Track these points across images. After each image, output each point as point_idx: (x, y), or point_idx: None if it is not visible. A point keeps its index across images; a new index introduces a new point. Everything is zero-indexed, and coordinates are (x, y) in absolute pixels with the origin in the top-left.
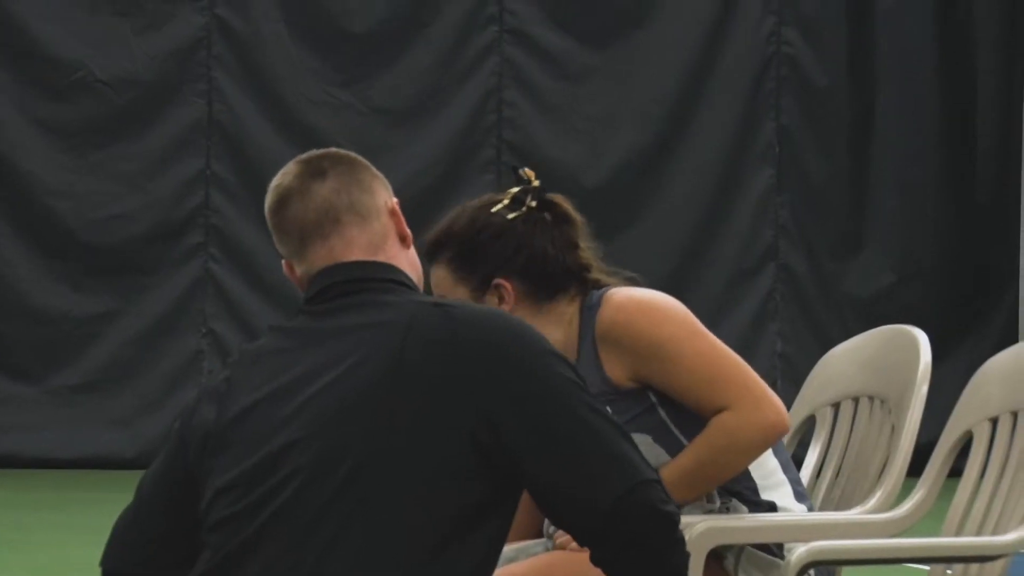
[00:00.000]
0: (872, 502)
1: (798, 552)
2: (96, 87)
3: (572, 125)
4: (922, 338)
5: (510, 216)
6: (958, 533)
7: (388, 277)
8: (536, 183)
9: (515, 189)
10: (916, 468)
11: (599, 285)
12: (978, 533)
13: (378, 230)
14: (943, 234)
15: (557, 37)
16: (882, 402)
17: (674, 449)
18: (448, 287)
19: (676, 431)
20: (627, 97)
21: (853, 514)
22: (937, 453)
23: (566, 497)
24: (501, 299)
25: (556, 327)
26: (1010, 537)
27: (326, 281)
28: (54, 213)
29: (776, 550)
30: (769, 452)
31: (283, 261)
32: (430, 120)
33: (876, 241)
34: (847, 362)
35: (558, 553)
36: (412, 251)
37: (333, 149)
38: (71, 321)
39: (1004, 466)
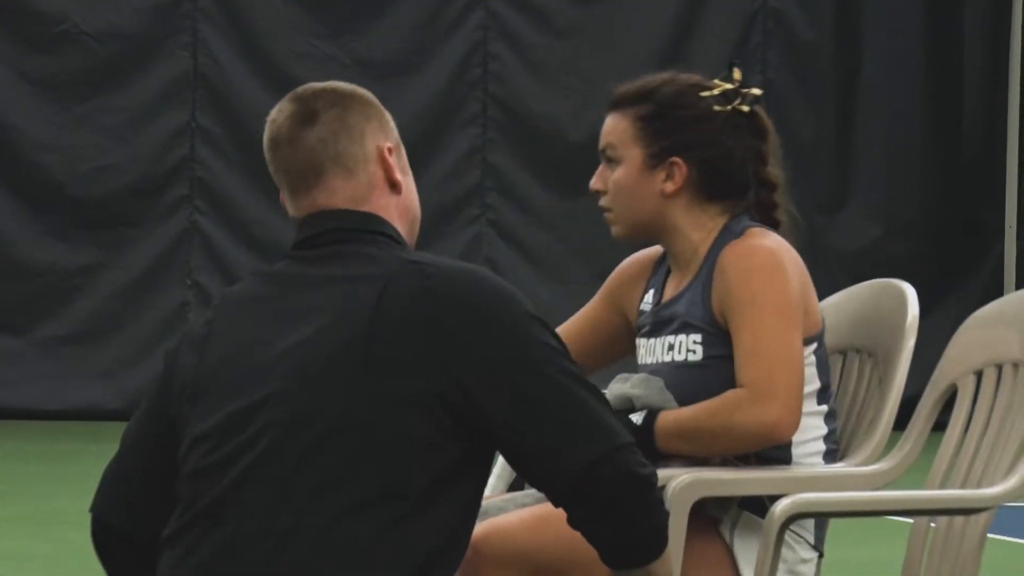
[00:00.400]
0: (858, 455)
1: (782, 504)
2: (81, 40)
3: (558, 79)
4: (910, 292)
5: (716, 108)
6: (942, 486)
7: (371, 228)
8: (756, 91)
9: (728, 85)
10: (901, 422)
11: (769, 207)
12: (962, 486)
13: (363, 181)
14: (929, 189)
15: None
16: (869, 355)
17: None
18: (623, 139)
19: None
20: (613, 51)
21: (838, 467)
22: (922, 406)
23: (540, 460)
24: (669, 176)
25: (697, 230)
26: (994, 490)
27: (310, 230)
28: (39, 166)
29: None
30: (819, 439)
31: (280, 194)
32: (416, 74)
33: (862, 195)
34: (835, 315)
35: (550, 505)
36: (405, 195)
37: (332, 85)
38: (57, 273)
39: (988, 419)
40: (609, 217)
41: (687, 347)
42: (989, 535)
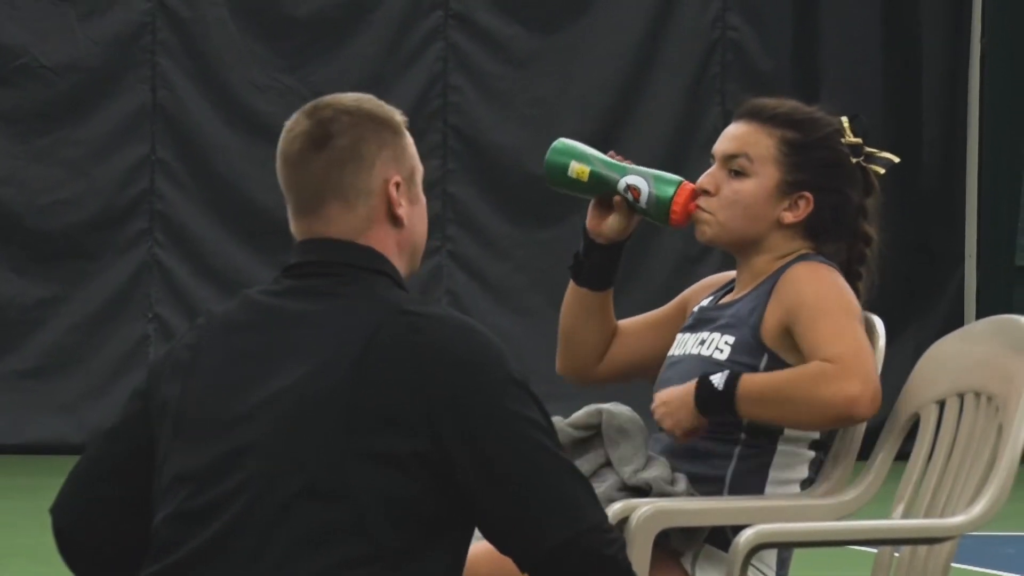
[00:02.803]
0: (823, 485)
1: (746, 534)
2: (40, 73)
3: (518, 110)
4: (878, 323)
5: (851, 159)
6: (906, 516)
7: (365, 264)
8: (894, 158)
9: (858, 139)
10: (864, 451)
11: (859, 260)
12: (926, 516)
13: (362, 214)
14: (889, 219)
15: (502, 22)
16: None
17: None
18: (763, 156)
19: None
20: (572, 82)
21: (802, 497)
22: (885, 436)
23: (510, 534)
24: (792, 207)
25: (781, 256)
26: (958, 519)
27: (303, 257)
28: None
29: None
30: (804, 465)
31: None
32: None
33: None
34: None
35: None
36: (408, 228)
37: (356, 104)
38: (16, 307)
39: (951, 449)
40: (707, 219)
41: (717, 345)
42: (953, 564)
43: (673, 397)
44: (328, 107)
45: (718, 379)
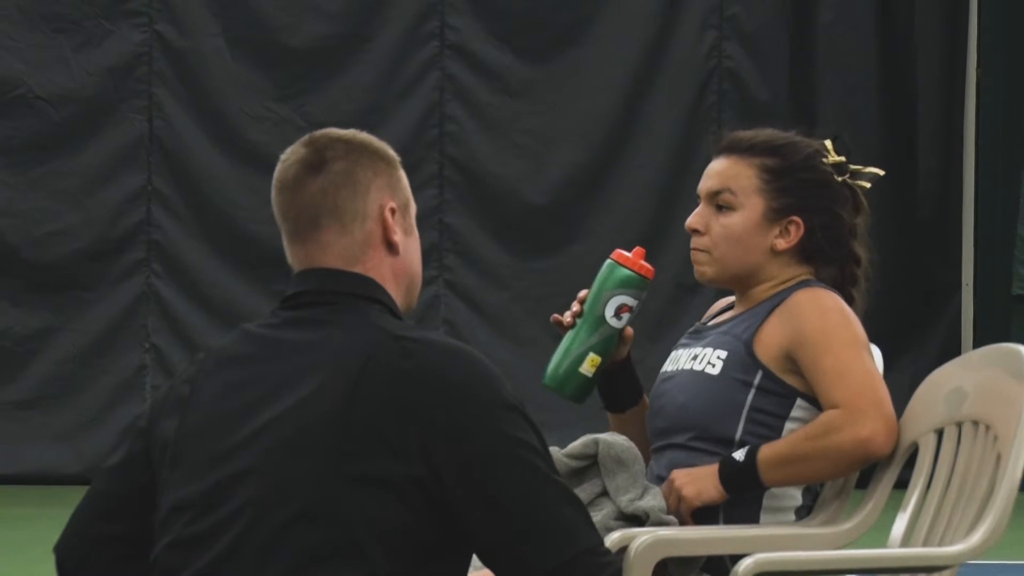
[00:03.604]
0: (822, 514)
1: (746, 563)
2: (36, 104)
3: (514, 140)
4: (877, 353)
5: (836, 177)
6: (905, 544)
7: (360, 292)
8: (879, 172)
9: (841, 158)
10: (863, 480)
11: (850, 281)
12: (925, 544)
13: (358, 238)
14: (885, 248)
15: (498, 52)
16: None
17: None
18: (746, 187)
19: (741, 421)
20: (569, 112)
21: (801, 526)
22: (883, 465)
23: (505, 557)
24: (783, 234)
25: (781, 282)
26: (957, 548)
27: (299, 287)
28: None
29: None
30: (798, 492)
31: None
32: (372, 135)
33: None
34: None
35: None
36: (403, 257)
37: (351, 135)
38: (12, 337)
39: (950, 477)
40: (703, 258)
41: (709, 360)
42: None
43: (695, 470)
44: (324, 136)
45: (739, 454)
